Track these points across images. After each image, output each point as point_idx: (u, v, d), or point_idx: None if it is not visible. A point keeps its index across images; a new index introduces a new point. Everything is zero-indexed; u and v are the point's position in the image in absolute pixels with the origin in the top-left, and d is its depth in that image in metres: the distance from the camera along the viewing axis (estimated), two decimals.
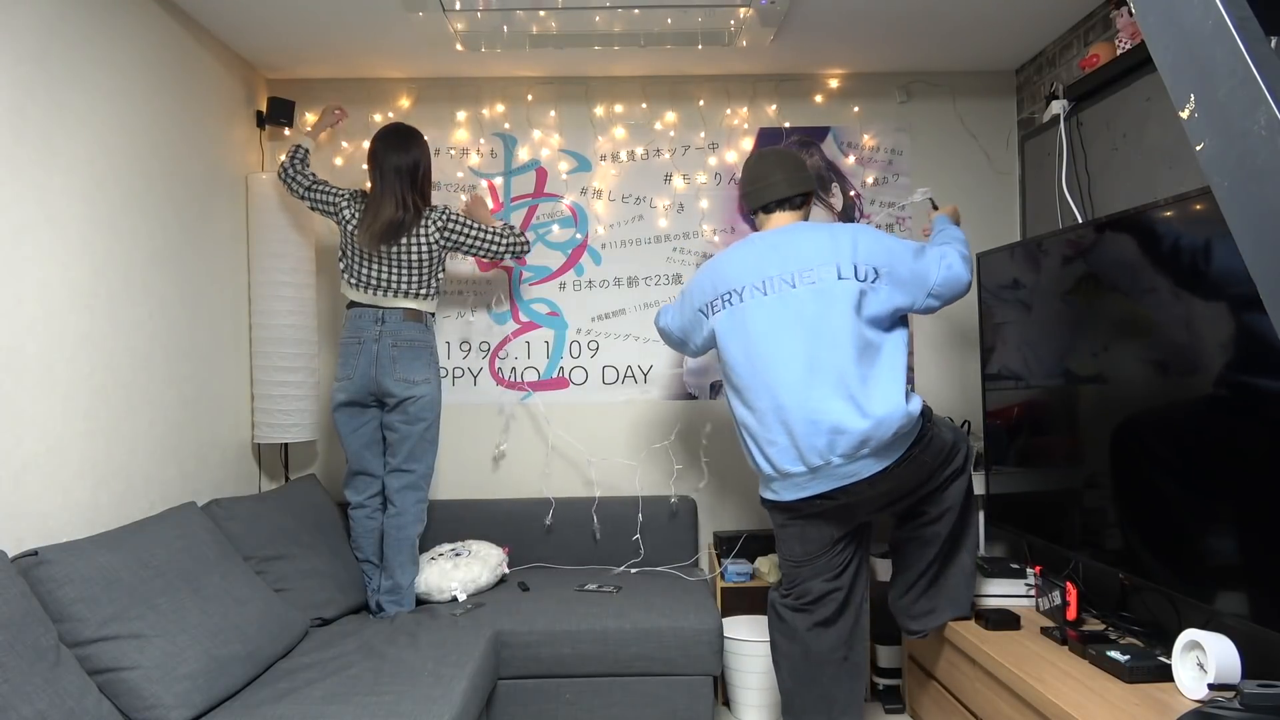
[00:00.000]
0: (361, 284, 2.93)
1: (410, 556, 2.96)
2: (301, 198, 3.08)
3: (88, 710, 1.77)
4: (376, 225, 2.86)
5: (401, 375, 2.89)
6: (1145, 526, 2.29)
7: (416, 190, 2.93)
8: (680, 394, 3.55)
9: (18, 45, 2.03)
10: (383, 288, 2.92)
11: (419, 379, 2.91)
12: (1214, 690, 1.91)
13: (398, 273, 2.92)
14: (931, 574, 2.62)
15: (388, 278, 2.92)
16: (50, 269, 2.12)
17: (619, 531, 3.42)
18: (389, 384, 2.88)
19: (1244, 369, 1.93)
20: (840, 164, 3.55)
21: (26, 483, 2.03)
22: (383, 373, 2.89)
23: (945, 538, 2.57)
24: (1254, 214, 0.73)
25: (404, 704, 2.11)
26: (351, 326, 2.94)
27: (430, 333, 2.98)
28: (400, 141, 2.93)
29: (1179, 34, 0.78)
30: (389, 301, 2.93)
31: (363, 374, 2.90)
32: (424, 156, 2.97)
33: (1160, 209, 2.16)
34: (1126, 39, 2.56)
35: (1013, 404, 2.85)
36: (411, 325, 2.93)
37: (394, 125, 2.98)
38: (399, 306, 2.93)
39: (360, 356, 2.90)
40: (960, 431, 2.61)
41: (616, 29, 2.96)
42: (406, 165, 2.90)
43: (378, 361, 2.89)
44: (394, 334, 2.90)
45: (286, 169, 3.10)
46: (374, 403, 2.97)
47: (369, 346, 2.90)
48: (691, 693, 2.78)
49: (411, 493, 2.97)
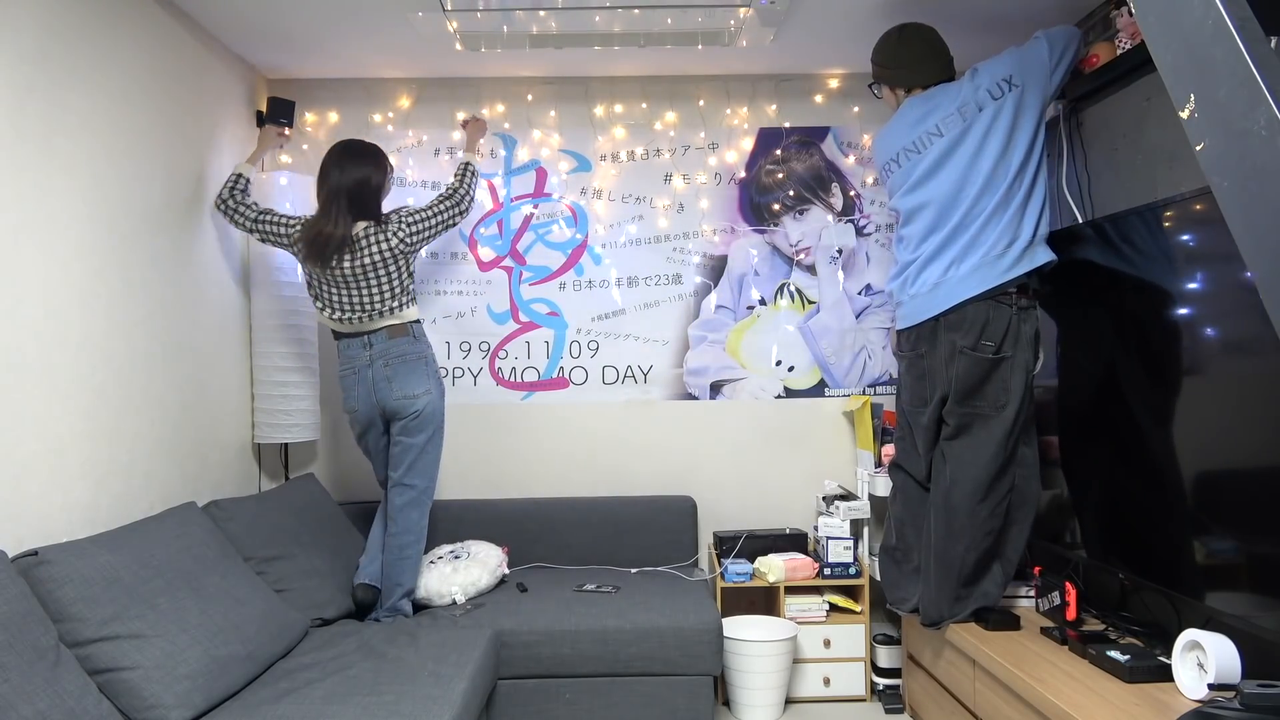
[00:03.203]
0: (336, 312, 2.86)
1: (410, 575, 2.91)
2: (250, 230, 2.94)
3: (88, 710, 1.77)
4: (314, 242, 2.76)
5: (400, 392, 2.84)
6: (1145, 526, 2.29)
7: (360, 206, 2.81)
8: (680, 394, 3.55)
9: (18, 45, 2.03)
10: (358, 311, 2.84)
11: (419, 391, 2.86)
12: (1214, 690, 1.91)
13: (366, 291, 2.82)
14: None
15: (358, 299, 2.83)
16: (50, 269, 2.12)
17: (619, 531, 3.41)
18: (391, 403, 2.85)
19: (1244, 367, 1.93)
20: (840, 164, 3.54)
21: (26, 483, 2.03)
22: (382, 394, 2.85)
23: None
24: (1254, 214, 0.73)
25: (404, 704, 2.11)
26: (344, 358, 2.90)
27: (421, 342, 2.92)
28: (346, 159, 2.83)
29: (1179, 34, 0.78)
30: (370, 325, 2.87)
31: (365, 401, 2.87)
32: (373, 173, 2.84)
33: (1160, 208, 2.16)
34: (1126, 39, 2.56)
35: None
36: (399, 341, 2.87)
37: (344, 142, 2.88)
38: (380, 327, 2.87)
39: (359, 386, 2.87)
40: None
41: (616, 29, 2.96)
42: (347, 183, 2.79)
43: (375, 386, 2.85)
44: (384, 354, 2.85)
45: (225, 201, 2.94)
46: (387, 422, 2.94)
47: (364, 374, 2.86)
48: (691, 693, 2.78)
49: (414, 510, 2.92)
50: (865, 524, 3.30)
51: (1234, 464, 1.96)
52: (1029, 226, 2.51)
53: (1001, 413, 2.51)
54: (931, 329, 2.63)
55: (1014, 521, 2.58)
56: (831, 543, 3.21)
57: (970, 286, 2.52)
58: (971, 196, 2.54)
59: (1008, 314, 2.50)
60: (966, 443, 2.56)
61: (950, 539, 2.56)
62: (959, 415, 2.57)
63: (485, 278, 3.54)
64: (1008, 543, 2.59)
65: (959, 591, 2.59)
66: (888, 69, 2.76)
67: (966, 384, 2.54)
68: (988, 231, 2.52)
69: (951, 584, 2.58)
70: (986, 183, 2.52)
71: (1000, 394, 2.51)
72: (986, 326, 2.50)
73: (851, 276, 3.55)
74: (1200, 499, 2.09)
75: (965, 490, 2.53)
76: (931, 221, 2.63)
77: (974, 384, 2.53)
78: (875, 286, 3.55)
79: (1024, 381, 2.51)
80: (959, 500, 2.54)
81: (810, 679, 3.20)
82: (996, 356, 2.50)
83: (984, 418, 2.53)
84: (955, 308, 2.54)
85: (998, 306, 2.50)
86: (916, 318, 2.67)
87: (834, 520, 3.24)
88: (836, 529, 3.22)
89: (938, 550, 2.59)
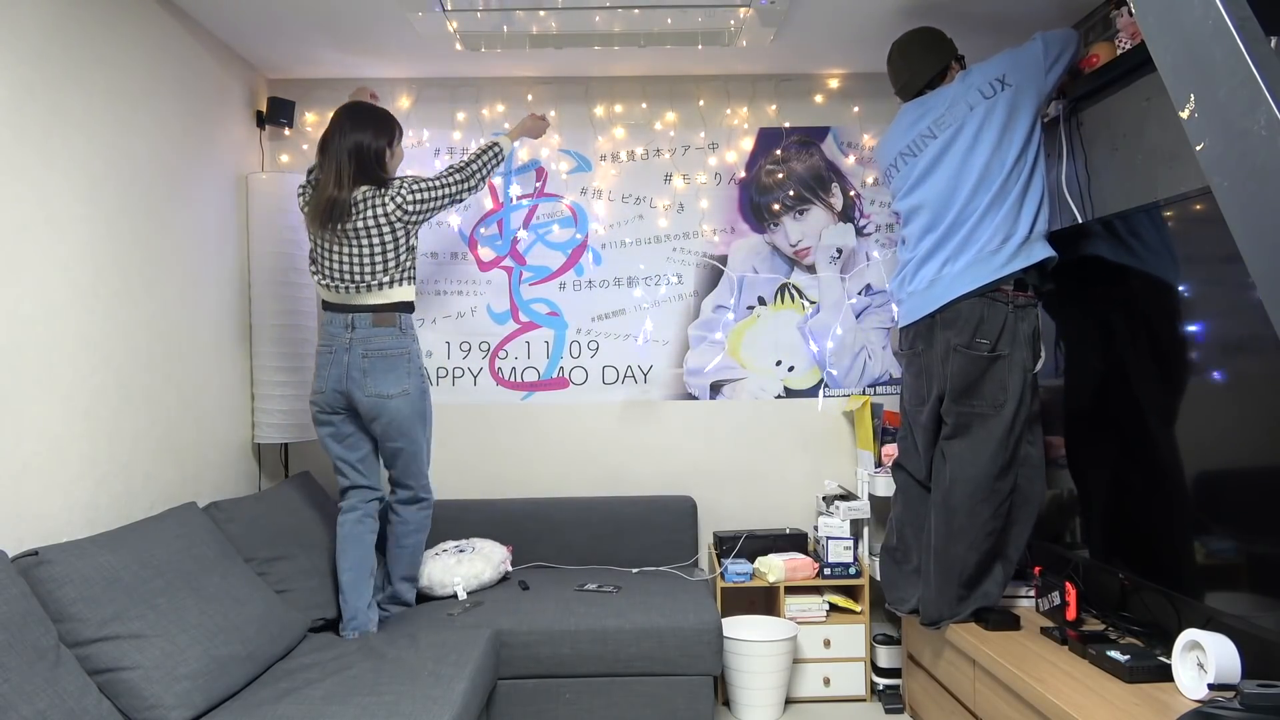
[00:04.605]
0: (326, 278, 2.76)
1: (410, 562, 2.91)
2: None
3: (88, 710, 1.77)
4: (314, 206, 2.71)
5: (373, 389, 2.72)
6: (1147, 525, 2.29)
7: (363, 172, 2.73)
8: (680, 394, 3.55)
9: (18, 45, 2.03)
10: (346, 280, 2.73)
11: (393, 392, 2.73)
12: (1214, 690, 1.91)
13: (357, 258, 2.72)
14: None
15: (348, 266, 2.72)
16: (50, 269, 2.12)
17: (619, 531, 3.41)
18: (361, 398, 2.72)
19: (1242, 367, 1.93)
20: (840, 164, 3.54)
21: (26, 483, 2.03)
22: (353, 385, 2.72)
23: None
24: (1254, 214, 0.73)
25: (404, 704, 2.11)
26: (325, 334, 2.79)
27: (406, 336, 2.79)
28: (351, 121, 2.75)
29: (1179, 34, 0.78)
30: (356, 298, 2.75)
31: (333, 386, 2.74)
32: (376, 138, 2.75)
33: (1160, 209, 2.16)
34: (1126, 39, 2.56)
35: None
36: (383, 331, 2.75)
37: (350, 105, 2.81)
38: (367, 306, 2.75)
39: (332, 368, 2.74)
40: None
41: (616, 29, 2.96)
42: (350, 145, 2.71)
43: (348, 373, 2.73)
44: (364, 342, 2.73)
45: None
46: (354, 414, 2.80)
47: (340, 356, 2.74)
48: (691, 693, 2.78)
49: (415, 505, 2.90)
50: (865, 524, 3.29)
51: (1234, 464, 1.96)
52: (1025, 223, 2.52)
53: (1000, 411, 2.51)
54: (928, 326, 2.64)
55: (1015, 521, 2.58)
56: (831, 543, 3.21)
57: (964, 283, 2.53)
58: (965, 194, 2.56)
59: (1003, 311, 2.50)
60: (966, 442, 2.56)
61: (950, 539, 2.56)
62: (956, 414, 2.57)
63: (485, 278, 3.54)
64: (1009, 542, 2.59)
65: (959, 592, 2.59)
66: (896, 84, 2.84)
67: (962, 382, 2.54)
68: (982, 228, 2.53)
69: (952, 584, 2.58)
70: (980, 179, 2.54)
71: (998, 392, 2.51)
72: (981, 324, 2.51)
73: (851, 276, 3.55)
74: (1201, 498, 2.09)
75: (965, 490, 2.53)
76: (928, 220, 2.65)
77: (970, 382, 2.53)
78: (875, 286, 3.55)
79: (1022, 380, 2.51)
80: (959, 500, 2.54)
81: (810, 679, 3.20)
82: (992, 355, 2.50)
83: (983, 417, 2.53)
84: (950, 305, 2.55)
85: (993, 304, 2.51)
86: (914, 315, 2.68)
87: (834, 520, 3.24)
88: (836, 529, 3.22)
89: (938, 550, 2.59)
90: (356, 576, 2.78)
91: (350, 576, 2.77)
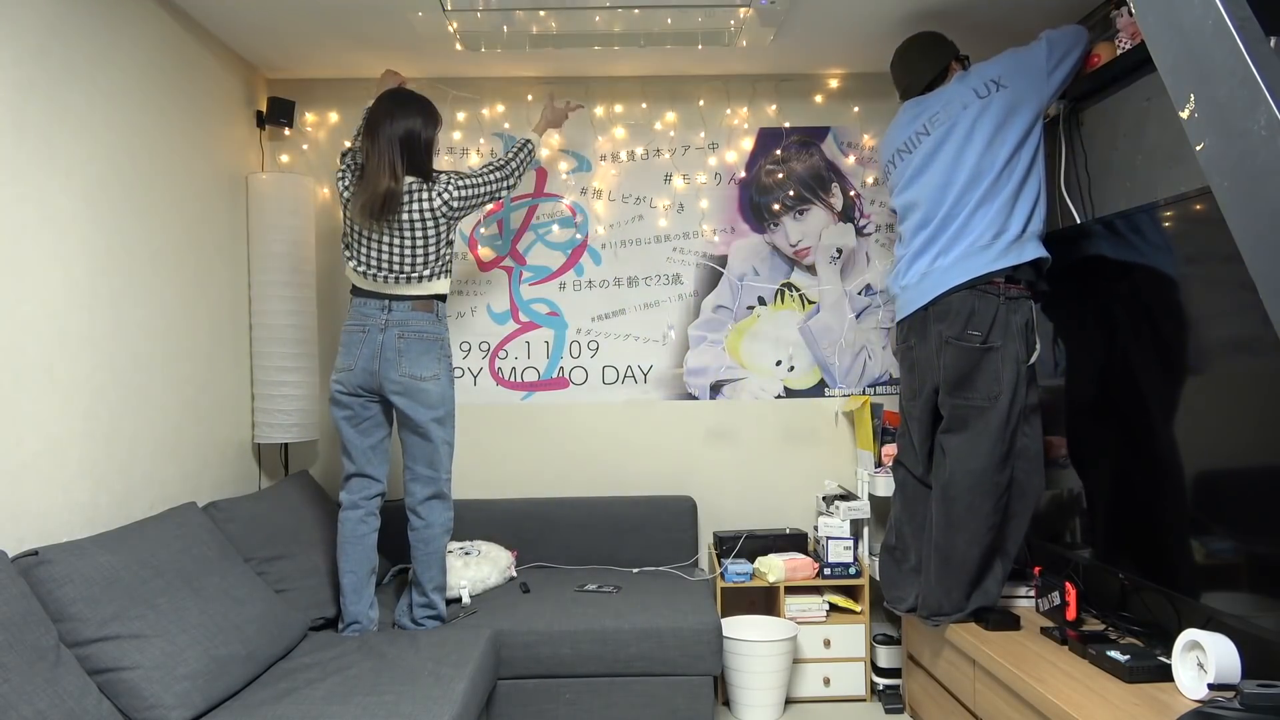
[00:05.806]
0: (363, 265, 2.72)
1: (441, 568, 2.81)
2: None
3: (88, 710, 1.77)
4: (367, 197, 2.63)
5: (407, 371, 2.68)
6: (1147, 525, 2.29)
7: (412, 161, 2.69)
8: (680, 394, 3.55)
9: (18, 45, 2.03)
10: (385, 270, 2.70)
11: (426, 375, 2.70)
12: (1214, 690, 1.91)
13: (399, 250, 2.69)
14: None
15: (389, 258, 2.69)
16: (50, 269, 2.12)
17: (619, 531, 3.41)
18: (392, 377, 2.68)
19: (1242, 365, 1.93)
20: (840, 164, 3.54)
21: (26, 483, 2.03)
22: (386, 365, 2.68)
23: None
24: (1254, 214, 0.73)
25: (404, 704, 2.11)
26: (356, 314, 2.73)
27: (441, 324, 2.78)
28: (396, 107, 2.70)
29: (1179, 34, 0.78)
30: (394, 289, 2.72)
31: (364, 365, 2.69)
32: (424, 125, 2.71)
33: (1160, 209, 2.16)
34: (1126, 39, 2.56)
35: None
36: (421, 315, 2.72)
37: (396, 89, 2.79)
38: (406, 295, 2.72)
39: (364, 346, 2.69)
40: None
41: (616, 29, 2.96)
42: (399, 133, 2.66)
43: (382, 353, 2.68)
44: (401, 324, 2.70)
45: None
46: (376, 399, 2.75)
47: (374, 336, 2.69)
48: (691, 693, 2.78)
49: (438, 503, 2.79)
50: (865, 524, 3.29)
51: (1235, 464, 1.96)
52: (1018, 221, 2.54)
53: (995, 404, 2.52)
54: (921, 320, 2.67)
55: (1014, 515, 2.58)
56: (831, 543, 3.21)
57: (954, 276, 2.56)
58: (957, 190, 2.59)
59: (994, 304, 2.51)
60: (963, 435, 2.56)
61: (950, 532, 2.56)
62: (952, 407, 2.58)
63: (485, 278, 3.54)
64: (1007, 537, 2.59)
65: (961, 588, 2.59)
66: (898, 88, 2.89)
67: (955, 374, 2.55)
68: (973, 223, 2.56)
69: (952, 578, 2.59)
70: (972, 176, 2.57)
71: (992, 385, 2.52)
72: (972, 316, 2.52)
73: (851, 276, 3.55)
74: (1201, 499, 2.09)
75: (964, 483, 2.54)
76: (921, 216, 2.69)
77: (963, 375, 2.55)
78: (875, 286, 3.55)
79: (1015, 372, 2.52)
80: (958, 493, 2.55)
81: (810, 679, 3.20)
82: (984, 347, 2.52)
83: (978, 409, 2.54)
84: (941, 297, 2.57)
85: (984, 296, 2.52)
86: (907, 309, 2.72)
87: (834, 520, 3.24)
88: (836, 529, 3.22)
89: (938, 543, 2.59)
90: (358, 578, 2.77)
91: (351, 579, 2.76)
